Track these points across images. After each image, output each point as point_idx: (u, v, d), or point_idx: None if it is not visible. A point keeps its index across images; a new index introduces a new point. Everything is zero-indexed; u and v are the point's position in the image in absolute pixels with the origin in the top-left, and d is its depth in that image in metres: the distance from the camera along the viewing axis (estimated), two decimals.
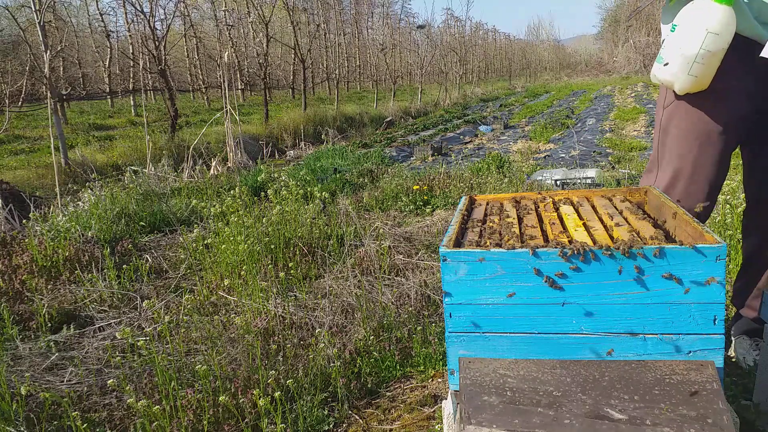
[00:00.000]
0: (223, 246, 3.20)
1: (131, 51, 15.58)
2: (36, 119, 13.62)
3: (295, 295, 2.92)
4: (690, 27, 1.36)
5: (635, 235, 1.17)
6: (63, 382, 2.26)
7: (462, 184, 5.12)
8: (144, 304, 2.85)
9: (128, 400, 1.79)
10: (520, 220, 1.39)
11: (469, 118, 13.84)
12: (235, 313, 2.70)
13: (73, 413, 1.75)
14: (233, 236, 3.21)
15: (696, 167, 1.52)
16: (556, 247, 1.07)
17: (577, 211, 1.42)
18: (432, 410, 2.06)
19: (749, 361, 1.86)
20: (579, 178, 5.06)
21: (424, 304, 2.75)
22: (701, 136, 1.50)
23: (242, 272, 2.95)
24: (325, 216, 4.03)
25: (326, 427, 1.97)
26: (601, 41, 60.54)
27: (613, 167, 6.04)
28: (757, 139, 1.58)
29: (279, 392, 1.80)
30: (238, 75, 16.95)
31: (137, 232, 4.25)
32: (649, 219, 1.30)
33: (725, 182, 3.98)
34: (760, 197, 1.66)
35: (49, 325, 2.73)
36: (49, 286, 3.19)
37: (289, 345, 2.29)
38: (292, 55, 15.12)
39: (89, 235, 3.86)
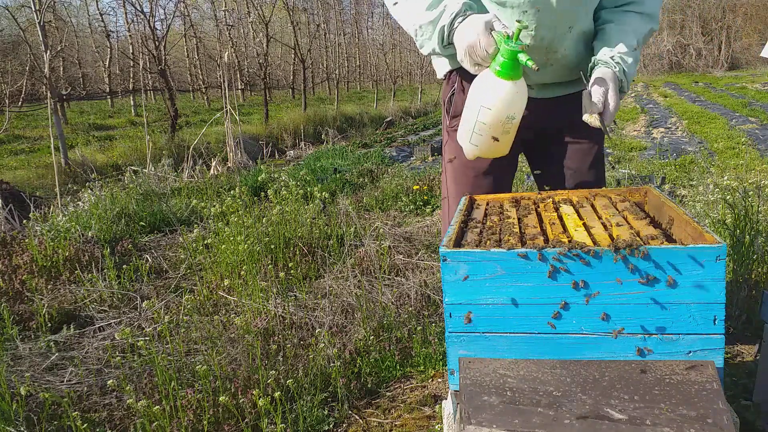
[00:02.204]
0: (223, 246, 3.20)
1: (131, 51, 15.57)
2: (36, 119, 13.62)
3: (295, 295, 2.92)
4: (470, 98, 1.38)
5: (635, 235, 1.17)
6: (63, 382, 2.26)
7: None
8: (144, 304, 2.85)
9: (128, 400, 1.79)
10: (520, 220, 1.39)
11: None
12: (235, 313, 2.70)
13: (73, 413, 1.75)
14: (233, 236, 3.21)
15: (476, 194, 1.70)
16: (555, 248, 1.07)
17: (577, 211, 1.42)
18: (432, 410, 2.06)
19: None
20: None
21: (424, 304, 2.75)
22: (475, 169, 1.69)
23: (242, 272, 2.95)
24: (325, 216, 4.03)
25: (326, 427, 1.97)
26: None
27: (613, 167, 6.04)
28: (540, 161, 1.79)
29: (279, 392, 1.80)
30: (238, 75, 16.94)
31: (137, 232, 4.25)
32: (649, 219, 1.30)
33: (724, 182, 3.97)
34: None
35: (49, 325, 2.73)
36: (49, 286, 3.19)
37: (289, 345, 2.29)
38: (292, 55, 15.12)
39: (89, 235, 3.86)
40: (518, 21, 1.27)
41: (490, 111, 1.32)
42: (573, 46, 1.54)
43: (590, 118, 1.39)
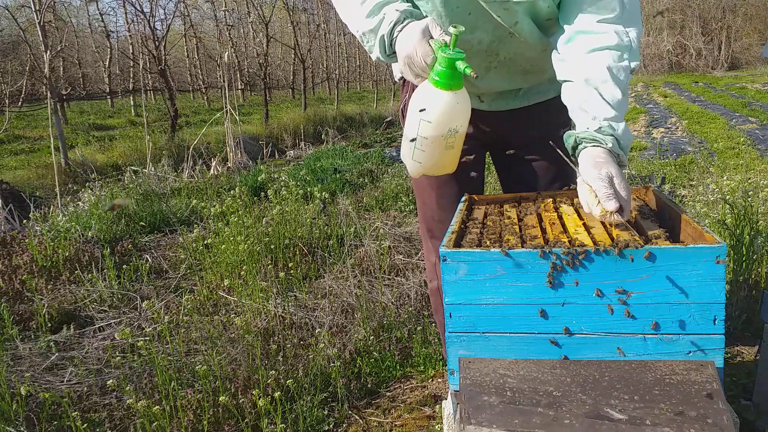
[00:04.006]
0: (223, 246, 3.20)
1: (131, 51, 15.57)
2: (36, 119, 13.61)
3: (295, 295, 2.92)
4: (410, 111, 1.30)
5: (635, 235, 1.16)
6: (63, 382, 2.26)
7: None
8: (144, 305, 2.85)
9: (128, 401, 1.79)
10: (520, 220, 1.39)
11: None
12: (235, 313, 2.70)
13: (73, 413, 1.75)
14: (233, 236, 3.21)
15: (441, 209, 1.66)
16: (555, 248, 1.07)
17: (577, 211, 1.42)
18: (432, 410, 2.06)
19: None
20: None
21: (424, 304, 2.75)
22: (434, 182, 1.64)
23: (242, 272, 2.95)
24: (325, 216, 4.03)
25: (326, 427, 1.97)
26: None
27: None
28: (504, 170, 1.75)
29: (279, 392, 1.80)
30: (238, 75, 16.94)
31: (137, 232, 4.25)
32: (655, 218, 1.30)
33: (724, 182, 3.97)
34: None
35: (49, 325, 2.73)
36: (49, 286, 3.19)
37: (289, 345, 2.29)
38: (292, 55, 15.11)
39: (89, 235, 3.86)
40: (454, 26, 1.17)
41: (430, 124, 1.25)
42: (517, 50, 1.43)
43: (605, 215, 1.12)
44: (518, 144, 1.64)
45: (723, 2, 32.84)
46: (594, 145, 1.19)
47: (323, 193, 4.03)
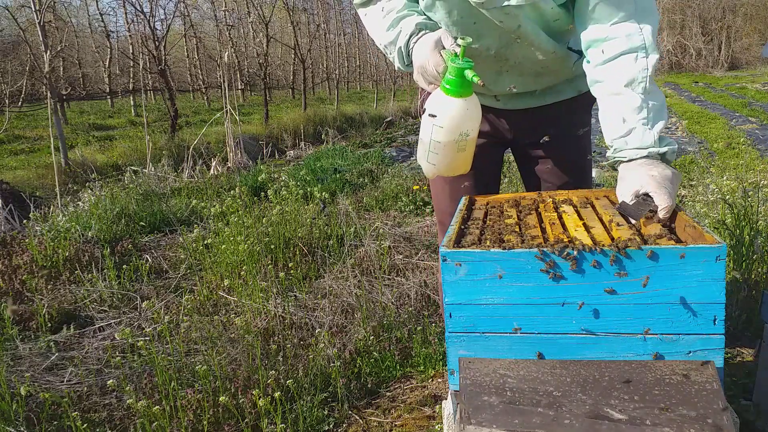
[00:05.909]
0: (223, 246, 3.20)
1: (131, 51, 15.56)
2: (36, 119, 13.61)
3: (295, 295, 2.92)
4: (424, 117, 1.39)
5: (635, 235, 1.16)
6: (63, 382, 2.26)
7: None
8: (144, 305, 2.85)
9: (128, 401, 1.79)
10: (520, 220, 1.39)
11: None
12: (235, 314, 2.70)
13: (73, 413, 1.75)
14: (233, 236, 3.21)
15: (454, 202, 1.68)
16: (555, 247, 1.07)
17: (577, 211, 1.42)
18: (432, 410, 2.06)
19: None
20: None
21: (424, 304, 2.75)
22: (447, 178, 1.67)
23: (242, 272, 2.95)
24: (325, 216, 4.03)
25: (326, 427, 1.97)
26: None
27: (613, 167, 6.03)
28: (524, 167, 1.80)
29: (279, 392, 1.80)
30: (238, 75, 16.93)
31: (137, 232, 4.25)
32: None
33: (724, 182, 3.96)
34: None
35: (49, 325, 2.73)
36: (49, 286, 3.19)
37: (289, 345, 2.29)
38: (292, 55, 15.11)
39: (89, 235, 3.86)
40: (461, 38, 1.25)
41: (442, 129, 1.33)
42: (525, 54, 1.47)
43: (645, 227, 1.20)
44: (535, 142, 1.69)
45: (723, 2, 32.81)
46: (627, 160, 1.38)
47: (323, 193, 4.03)
